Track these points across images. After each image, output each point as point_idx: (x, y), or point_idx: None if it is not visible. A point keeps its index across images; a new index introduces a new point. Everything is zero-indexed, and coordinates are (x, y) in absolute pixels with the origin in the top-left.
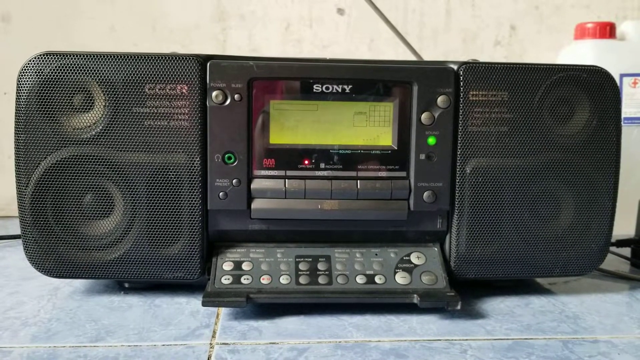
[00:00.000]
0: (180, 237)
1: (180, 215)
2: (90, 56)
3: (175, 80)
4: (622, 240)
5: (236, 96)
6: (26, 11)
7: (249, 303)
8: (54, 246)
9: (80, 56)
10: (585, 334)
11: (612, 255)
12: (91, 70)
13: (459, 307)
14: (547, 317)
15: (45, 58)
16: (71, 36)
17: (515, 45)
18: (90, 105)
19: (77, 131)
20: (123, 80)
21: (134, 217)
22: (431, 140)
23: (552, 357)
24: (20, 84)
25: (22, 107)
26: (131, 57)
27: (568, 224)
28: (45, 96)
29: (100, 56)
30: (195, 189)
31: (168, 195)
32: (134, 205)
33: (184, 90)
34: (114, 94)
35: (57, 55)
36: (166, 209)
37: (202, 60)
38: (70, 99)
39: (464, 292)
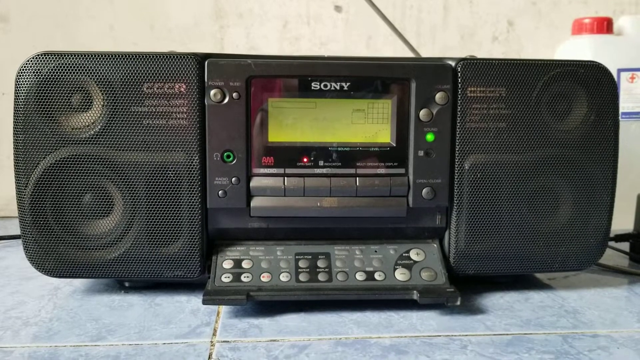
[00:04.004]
0: (180, 236)
1: (179, 213)
2: (89, 56)
3: (173, 79)
4: (620, 235)
5: (234, 94)
6: (24, 11)
7: (249, 301)
8: (53, 246)
9: (78, 56)
10: (585, 328)
11: (611, 250)
12: (89, 70)
13: (458, 303)
14: (546, 312)
15: (43, 58)
16: (70, 35)
17: (513, 41)
18: (89, 105)
19: (76, 131)
20: (121, 79)
21: (134, 216)
22: (429, 137)
23: (552, 351)
24: (18, 84)
25: (21, 107)
26: (129, 56)
27: (567, 219)
28: (43, 96)
29: (99, 56)
30: (194, 188)
31: (167, 194)
32: (134, 205)
33: (182, 89)
34: (113, 94)
35: (55, 55)
36: (165, 207)
37: (200, 58)
38: (69, 99)
39: (464, 288)
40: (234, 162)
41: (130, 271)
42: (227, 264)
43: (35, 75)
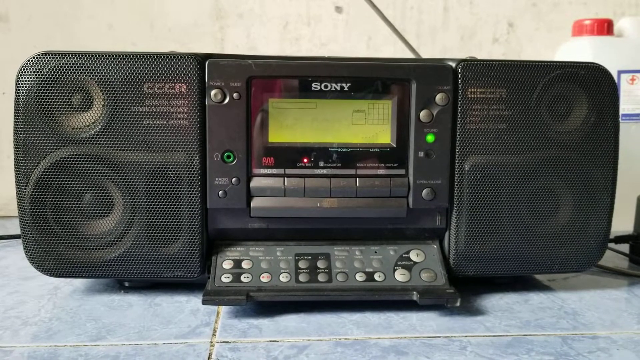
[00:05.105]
0: (180, 236)
1: (179, 214)
2: (89, 55)
3: (173, 79)
4: (620, 236)
5: (235, 95)
6: (24, 10)
7: (249, 301)
8: (53, 246)
9: (78, 56)
10: (585, 330)
11: (611, 251)
12: (90, 70)
13: (458, 304)
14: (546, 314)
15: (43, 58)
16: (70, 35)
17: (513, 43)
18: (89, 105)
19: (76, 130)
20: (122, 79)
21: (134, 216)
22: (430, 138)
23: (552, 353)
24: (19, 84)
25: (21, 107)
26: (130, 56)
27: (566, 221)
28: (44, 96)
29: (99, 55)
30: (194, 188)
31: (167, 194)
32: (134, 204)
33: (182, 89)
34: (113, 93)
35: (55, 55)
36: (166, 207)
37: (201, 59)
38: (69, 99)
39: (463, 289)
40: (234, 162)
41: (130, 271)
42: (227, 264)
43: (35, 75)
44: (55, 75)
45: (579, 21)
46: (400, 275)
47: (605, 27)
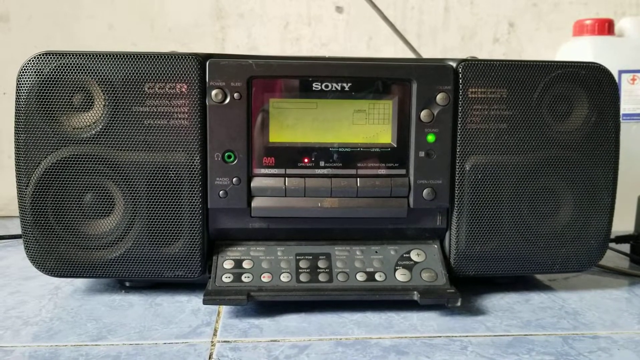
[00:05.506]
0: (181, 236)
1: (180, 213)
2: (90, 55)
3: (174, 79)
4: (621, 236)
5: (235, 95)
6: (24, 10)
7: (249, 301)
8: (54, 245)
9: (79, 56)
10: (585, 329)
11: (612, 251)
12: (91, 70)
13: (459, 304)
14: (547, 314)
15: (44, 58)
16: (70, 35)
17: (514, 43)
18: (90, 105)
19: (77, 130)
20: (122, 79)
21: (135, 216)
22: (430, 138)
23: (552, 352)
24: (19, 84)
25: (22, 107)
26: (130, 56)
27: (567, 221)
28: (45, 96)
29: (100, 55)
30: (195, 188)
31: (168, 194)
32: (135, 204)
33: (183, 89)
34: (114, 93)
35: (56, 55)
36: (166, 207)
37: (201, 59)
38: (70, 99)
39: (464, 289)
40: (235, 162)
41: (131, 271)
42: (228, 264)
43: (36, 75)
44: (56, 75)
45: (579, 21)
46: (401, 275)
47: (606, 27)
